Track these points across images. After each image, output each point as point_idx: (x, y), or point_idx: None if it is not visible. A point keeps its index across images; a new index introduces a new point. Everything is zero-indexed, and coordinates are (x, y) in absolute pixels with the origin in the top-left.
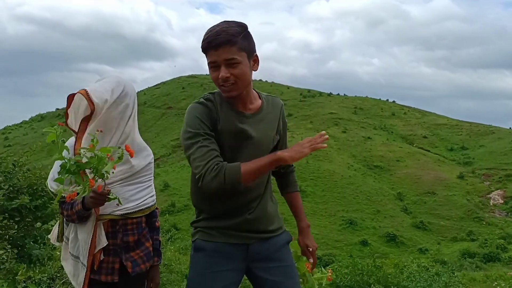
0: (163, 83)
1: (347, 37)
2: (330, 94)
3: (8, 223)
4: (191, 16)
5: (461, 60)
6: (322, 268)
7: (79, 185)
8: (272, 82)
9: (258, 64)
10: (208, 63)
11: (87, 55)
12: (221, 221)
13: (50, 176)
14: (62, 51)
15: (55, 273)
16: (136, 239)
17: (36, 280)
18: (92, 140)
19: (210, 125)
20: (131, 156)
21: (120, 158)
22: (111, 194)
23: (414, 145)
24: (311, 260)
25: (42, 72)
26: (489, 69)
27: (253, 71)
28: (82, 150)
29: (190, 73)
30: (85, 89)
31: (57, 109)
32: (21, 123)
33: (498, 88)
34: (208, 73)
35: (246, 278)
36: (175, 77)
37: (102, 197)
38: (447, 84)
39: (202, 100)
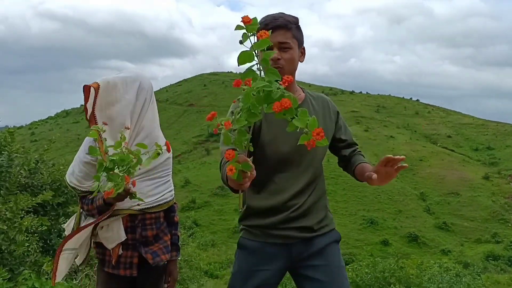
0: (185, 80)
1: (368, 35)
2: (352, 92)
3: (34, 218)
4: (211, 13)
5: (487, 58)
6: None
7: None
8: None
9: (304, 56)
10: None
11: (109, 52)
12: (263, 219)
13: (70, 170)
14: (85, 48)
15: (78, 267)
16: (154, 233)
17: None
18: (120, 137)
19: None
20: (168, 151)
21: (158, 154)
22: (138, 197)
23: (438, 144)
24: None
25: (66, 68)
26: None
27: (299, 62)
28: (108, 147)
29: (211, 71)
30: (97, 82)
31: (82, 105)
32: (46, 118)
33: None
34: (229, 70)
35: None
36: (196, 74)
37: (127, 193)
38: (472, 82)
39: None
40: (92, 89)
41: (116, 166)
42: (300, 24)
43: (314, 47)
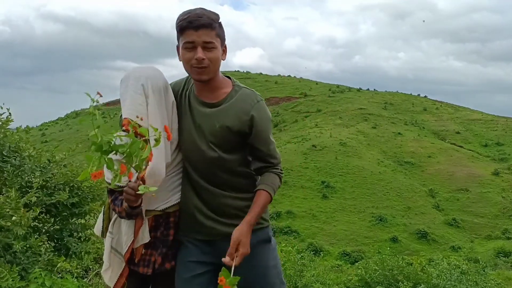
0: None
1: (371, 31)
2: (359, 89)
3: (45, 217)
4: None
5: (493, 53)
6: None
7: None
8: (301, 78)
9: (226, 55)
10: (184, 43)
11: (114, 53)
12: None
13: (105, 168)
14: (90, 49)
15: (89, 265)
16: (175, 232)
17: (71, 271)
18: (130, 124)
19: None
20: (169, 139)
21: (157, 141)
22: (144, 187)
23: (447, 141)
24: (229, 262)
25: (72, 70)
26: None
27: (222, 60)
28: (118, 133)
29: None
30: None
31: (91, 105)
32: (56, 119)
33: None
34: (236, 69)
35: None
36: None
37: (131, 191)
38: (479, 78)
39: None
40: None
41: (112, 150)
42: (220, 21)
43: (318, 45)
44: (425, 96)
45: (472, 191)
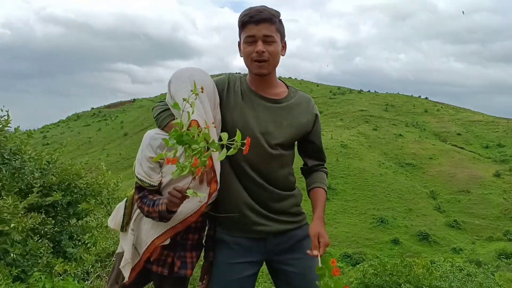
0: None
1: (371, 33)
2: (360, 91)
3: (45, 219)
4: (215, 14)
5: (493, 54)
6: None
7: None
8: (301, 79)
9: (285, 50)
10: (245, 38)
11: (115, 55)
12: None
13: (137, 163)
14: (90, 52)
15: (90, 268)
16: (196, 237)
17: (72, 274)
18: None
19: None
20: (245, 152)
21: (235, 149)
22: (193, 192)
23: (448, 142)
24: (316, 252)
25: (73, 72)
26: None
27: (281, 56)
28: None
29: (217, 72)
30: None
31: (92, 108)
32: (58, 122)
33: None
34: (237, 71)
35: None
36: None
37: (179, 194)
38: (480, 79)
39: None
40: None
41: (191, 143)
42: (281, 18)
43: (318, 46)
44: (426, 98)
45: (474, 192)
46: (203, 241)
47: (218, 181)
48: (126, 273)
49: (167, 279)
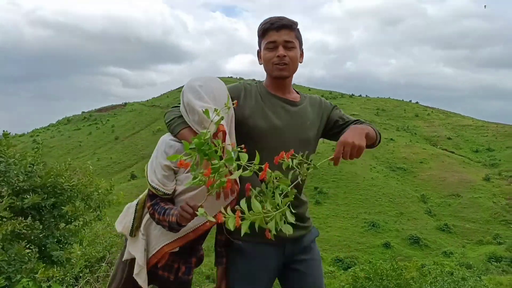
0: None
1: (363, 37)
2: (352, 96)
3: (32, 223)
4: (207, 19)
5: (482, 59)
6: None
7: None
8: (293, 83)
9: (303, 58)
10: (266, 44)
11: (107, 59)
12: None
13: (150, 171)
14: (82, 55)
15: (79, 273)
16: (202, 243)
17: (60, 279)
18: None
19: None
20: (261, 178)
21: (250, 171)
22: (204, 212)
23: (438, 146)
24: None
25: (65, 76)
26: None
27: (299, 63)
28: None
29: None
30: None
31: (83, 112)
32: (48, 126)
33: None
34: (229, 75)
35: None
36: None
37: (190, 211)
38: (470, 84)
39: None
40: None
41: (210, 155)
42: (299, 27)
43: (310, 51)
44: (417, 102)
45: (464, 196)
46: (214, 245)
47: (238, 189)
48: (142, 280)
49: (171, 283)
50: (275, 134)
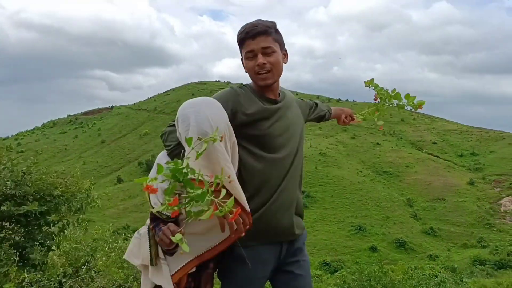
0: (173, 89)
1: (349, 43)
2: (339, 100)
3: (15, 228)
4: (194, 23)
5: (466, 65)
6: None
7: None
8: (281, 87)
9: (287, 58)
10: (245, 53)
11: (92, 61)
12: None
13: (151, 195)
14: (67, 58)
15: (62, 277)
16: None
17: (43, 284)
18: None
19: None
20: (230, 220)
21: (221, 212)
22: (180, 239)
23: (424, 151)
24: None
25: (50, 79)
26: (496, 74)
27: (283, 64)
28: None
29: (196, 79)
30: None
31: (69, 115)
32: (33, 129)
33: (508, 93)
34: (217, 79)
35: None
36: (181, 83)
37: (168, 238)
38: (454, 89)
39: None
40: None
41: (186, 185)
42: (277, 27)
43: (297, 55)
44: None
45: (449, 200)
46: None
47: (248, 209)
48: None
49: None
50: (286, 136)
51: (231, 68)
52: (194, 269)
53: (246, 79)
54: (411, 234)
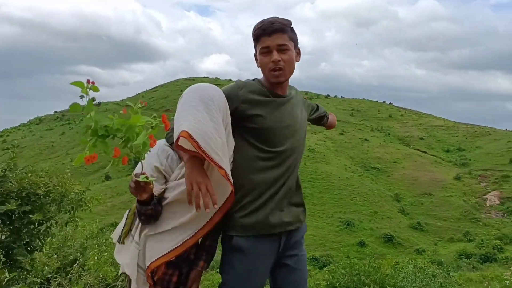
0: (161, 86)
1: (336, 39)
2: (327, 97)
3: (0, 227)
4: (181, 18)
5: (452, 61)
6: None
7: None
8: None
9: (300, 56)
10: (260, 49)
11: (77, 57)
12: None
13: (148, 161)
14: (51, 53)
15: (50, 276)
16: (194, 250)
17: (29, 282)
18: (133, 109)
19: None
20: (166, 129)
21: (153, 128)
22: (144, 177)
23: (411, 146)
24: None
25: (34, 75)
26: (481, 70)
27: (296, 62)
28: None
29: (183, 75)
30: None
31: (55, 112)
32: (19, 126)
33: (492, 89)
34: (205, 75)
35: None
36: (168, 79)
37: (133, 182)
38: (440, 85)
39: None
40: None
41: (108, 134)
42: (293, 26)
43: None
44: (390, 103)
45: (435, 195)
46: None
47: (232, 182)
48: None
49: None
50: (289, 128)
51: (219, 64)
52: (173, 259)
53: (234, 75)
54: (399, 229)
